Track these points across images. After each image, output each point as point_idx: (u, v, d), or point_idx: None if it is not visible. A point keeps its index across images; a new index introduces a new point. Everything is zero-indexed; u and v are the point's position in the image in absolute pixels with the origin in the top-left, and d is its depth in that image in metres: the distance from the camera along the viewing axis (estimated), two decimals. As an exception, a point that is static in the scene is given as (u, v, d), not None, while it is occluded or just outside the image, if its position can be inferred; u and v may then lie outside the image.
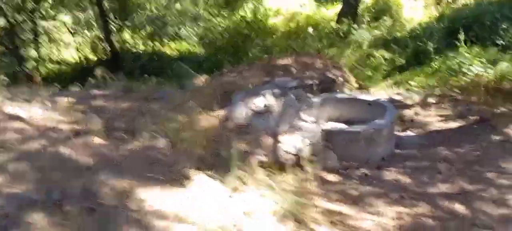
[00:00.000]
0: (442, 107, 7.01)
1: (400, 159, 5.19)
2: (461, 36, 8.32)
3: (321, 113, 6.00)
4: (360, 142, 5.00)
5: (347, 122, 6.05)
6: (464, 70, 8.05)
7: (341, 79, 7.36)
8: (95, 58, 9.62)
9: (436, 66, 8.54)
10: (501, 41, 8.87)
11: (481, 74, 7.84)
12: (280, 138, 4.58)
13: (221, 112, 4.93)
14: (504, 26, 9.16)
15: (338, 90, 7.36)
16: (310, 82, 6.68)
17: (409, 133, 6.18)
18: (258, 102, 4.91)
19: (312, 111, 5.87)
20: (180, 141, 4.00)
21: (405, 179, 4.66)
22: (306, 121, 4.98)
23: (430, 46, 8.82)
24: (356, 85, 8.08)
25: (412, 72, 8.92)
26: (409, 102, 7.39)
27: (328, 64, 7.57)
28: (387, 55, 9.96)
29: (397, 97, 7.62)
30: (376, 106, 5.78)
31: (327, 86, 7.04)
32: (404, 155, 5.32)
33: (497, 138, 5.68)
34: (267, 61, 7.24)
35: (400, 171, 4.84)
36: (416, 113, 6.85)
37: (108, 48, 9.30)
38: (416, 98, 7.55)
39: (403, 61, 9.58)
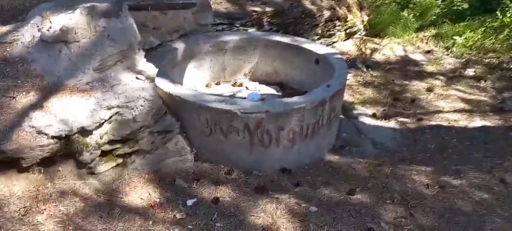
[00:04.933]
0: (480, 86, 4.13)
1: (321, 176, 2.67)
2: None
3: (236, 65, 3.55)
4: (235, 132, 2.55)
5: (281, 85, 3.58)
6: (550, 31, 4.93)
7: (327, 13, 4.66)
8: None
9: (507, 20, 5.39)
10: None
11: None
12: (52, 99, 2.31)
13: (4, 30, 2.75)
14: None
15: (321, 32, 4.70)
16: (257, 9, 4.14)
17: (389, 123, 3.51)
18: (57, 21, 2.60)
19: (218, 60, 3.45)
20: None
21: (286, 231, 2.20)
22: (138, 76, 2.61)
23: (506, -13, 5.60)
24: (360, 28, 5.28)
25: (470, 24, 5.80)
26: (430, 68, 4.55)
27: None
28: (448, -6, 6.78)
29: (419, 58, 4.79)
30: (326, 66, 3.19)
31: (294, 22, 4.40)
32: (335, 168, 2.78)
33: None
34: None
35: (295, 206, 2.37)
36: (429, 90, 4.06)
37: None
38: (448, 64, 4.66)
39: (466, 6, 6.38)
